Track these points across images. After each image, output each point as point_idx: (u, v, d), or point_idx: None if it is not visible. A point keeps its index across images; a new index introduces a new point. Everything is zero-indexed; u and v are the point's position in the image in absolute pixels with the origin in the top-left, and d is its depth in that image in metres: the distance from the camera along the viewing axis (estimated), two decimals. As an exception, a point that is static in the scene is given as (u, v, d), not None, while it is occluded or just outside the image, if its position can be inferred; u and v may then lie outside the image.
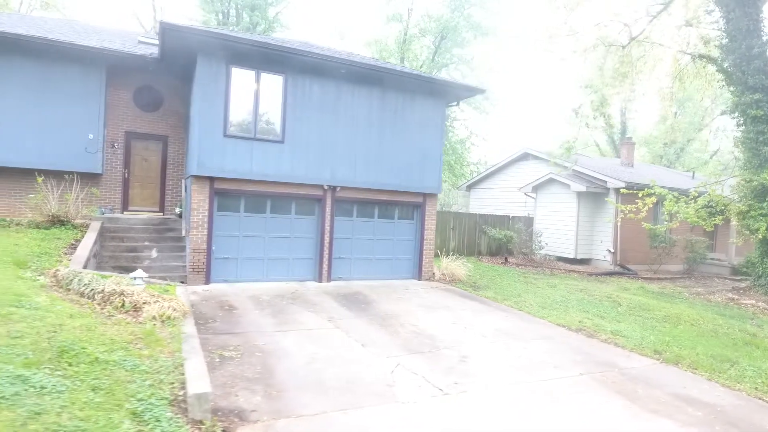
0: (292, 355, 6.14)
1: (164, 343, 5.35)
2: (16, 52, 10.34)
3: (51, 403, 3.56)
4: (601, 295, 12.10)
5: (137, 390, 4.16)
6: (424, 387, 5.45)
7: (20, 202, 10.71)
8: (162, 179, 12.47)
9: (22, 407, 3.38)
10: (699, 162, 34.20)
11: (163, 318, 5.99)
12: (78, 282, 6.52)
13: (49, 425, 3.30)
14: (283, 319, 7.85)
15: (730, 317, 10.41)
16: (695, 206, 13.55)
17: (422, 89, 12.04)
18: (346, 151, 11.31)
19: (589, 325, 8.70)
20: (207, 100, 9.89)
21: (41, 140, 10.67)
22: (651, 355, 7.25)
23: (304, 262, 11.35)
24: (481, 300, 10.58)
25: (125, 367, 4.54)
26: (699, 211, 13.42)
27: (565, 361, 6.74)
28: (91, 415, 3.57)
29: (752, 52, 11.09)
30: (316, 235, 11.39)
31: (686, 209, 13.59)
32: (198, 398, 4.11)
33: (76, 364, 4.36)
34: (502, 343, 7.40)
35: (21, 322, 4.90)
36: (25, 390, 3.62)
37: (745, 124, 11.72)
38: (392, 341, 7.10)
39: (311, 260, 11.41)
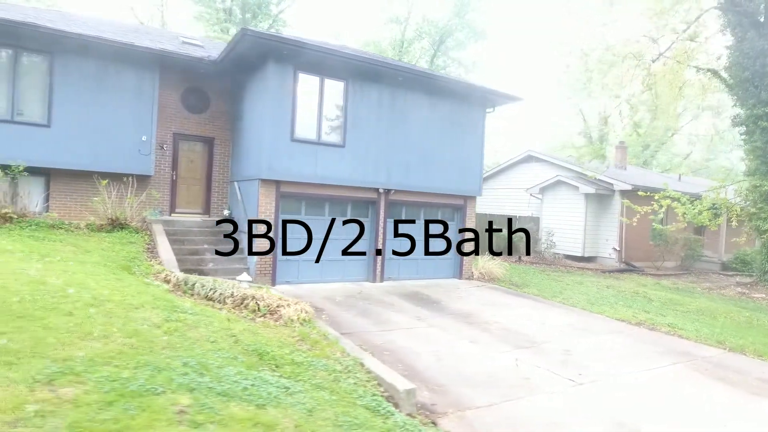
0: (419, 354, 6.54)
1: (323, 344, 5.65)
2: (75, 52, 10.13)
3: (305, 402, 3.86)
4: (628, 291, 13.05)
5: (352, 388, 4.49)
6: (555, 379, 5.99)
7: (78, 205, 10.51)
8: (208, 181, 12.45)
9: (294, 406, 3.68)
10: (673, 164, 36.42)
11: (300, 320, 6.25)
12: (200, 286, 6.67)
13: (327, 419, 3.62)
14: (377, 320, 8.20)
15: (753, 310, 11.53)
16: (701, 208, 14.81)
17: (466, 96, 12.58)
18: (400, 156, 11.71)
19: (644, 319, 9.50)
20: (276, 106, 10.06)
21: (96, 141, 10.50)
22: (716, 345, 8.09)
23: (357, 263, 11.68)
24: (532, 297, 11.24)
25: (318, 367, 4.84)
26: (704, 212, 14.68)
27: (649, 352, 7.45)
28: (343, 411, 3.90)
29: (766, 69, 12.30)
30: (370, 236, 11.73)
31: (693, 211, 14.81)
32: (408, 393, 4.49)
33: (282, 366, 4.64)
34: (582, 337, 8.05)
35: (198, 327, 5.09)
36: (278, 390, 3.91)
37: (756, 134, 12.93)
38: (491, 338, 7.61)
39: (364, 261, 11.75)
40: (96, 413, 2.79)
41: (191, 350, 4.28)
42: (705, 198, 14.12)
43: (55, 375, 3.13)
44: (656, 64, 13.52)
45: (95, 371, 3.31)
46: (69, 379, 3.11)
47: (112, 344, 3.89)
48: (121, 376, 3.31)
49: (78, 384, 3.09)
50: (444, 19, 27.69)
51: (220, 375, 3.83)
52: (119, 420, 2.77)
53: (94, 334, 3.99)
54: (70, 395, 2.94)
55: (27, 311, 4.16)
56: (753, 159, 13.17)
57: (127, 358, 3.68)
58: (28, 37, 9.66)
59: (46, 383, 3.02)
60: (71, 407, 2.81)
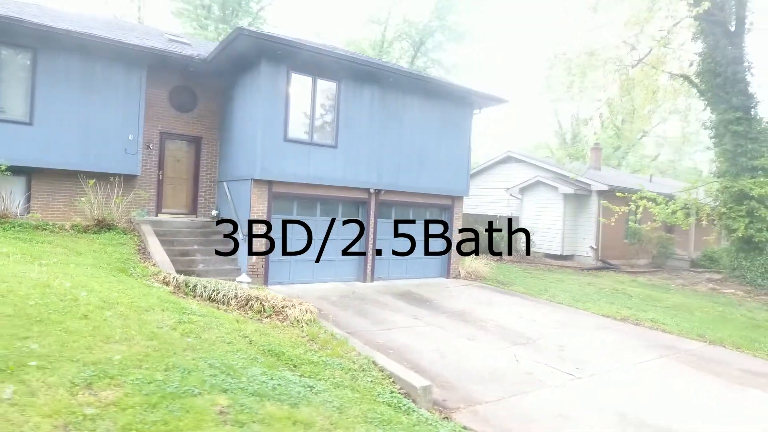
0: (422, 351, 6.67)
1: (333, 344, 5.72)
2: (61, 48, 9.83)
3: (332, 400, 3.94)
4: (609, 288, 13.55)
5: (370, 386, 4.59)
6: (555, 374, 6.23)
7: (62, 205, 10.21)
8: (195, 181, 12.27)
9: (324, 405, 3.75)
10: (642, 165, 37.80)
11: (306, 320, 6.29)
12: (202, 287, 6.63)
13: (357, 416, 3.71)
14: (374, 319, 8.30)
15: (724, 305, 12.16)
16: (674, 208, 15.51)
17: (454, 97, 12.81)
18: (390, 156, 11.83)
19: (627, 315, 9.91)
20: (270, 105, 10.03)
21: (81, 140, 10.21)
22: (697, 338, 8.52)
23: (348, 263, 11.74)
24: (519, 295, 11.55)
25: (334, 366, 4.92)
26: (678, 212, 15.38)
27: (637, 346, 7.80)
28: (368, 408, 3.99)
29: (737, 76, 13.00)
30: (361, 236, 11.80)
31: (666, 210, 15.49)
32: (424, 390, 4.62)
33: (299, 365, 4.69)
34: (572, 333, 8.35)
35: (211, 329, 5.09)
36: (304, 389, 3.97)
37: (726, 138, 13.64)
38: (488, 335, 7.81)
39: (355, 261, 11.82)
40: (143, 415, 2.80)
41: (211, 352, 4.29)
42: (678, 198, 14.77)
43: (92, 378, 3.11)
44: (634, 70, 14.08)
45: (129, 374, 3.30)
46: (106, 383, 3.10)
47: (136, 347, 3.87)
48: (155, 378, 3.32)
49: (116, 387, 3.08)
50: (424, 20, 27.98)
51: (247, 375, 3.86)
52: (168, 422, 2.79)
53: (116, 337, 3.96)
54: (112, 398, 2.94)
55: (43, 315, 4.09)
56: (723, 161, 13.88)
57: (154, 360, 3.67)
58: (11, 32, 9.33)
59: (84, 387, 3.01)
60: (117, 410, 2.82)
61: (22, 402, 2.66)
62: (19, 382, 2.87)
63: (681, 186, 27.79)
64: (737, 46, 13.08)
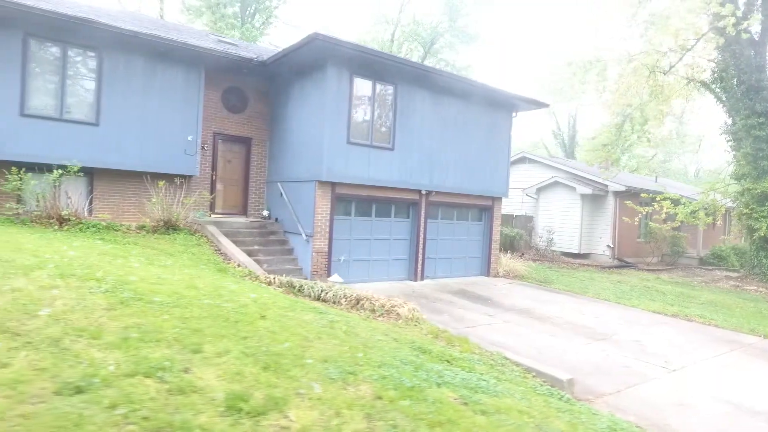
0: (518, 347, 6.98)
1: (457, 341, 6.02)
2: (123, 49, 9.87)
3: (510, 391, 4.25)
4: (640, 286, 14.13)
5: (520, 379, 4.91)
6: (650, 366, 6.65)
7: (127, 205, 10.25)
8: (245, 182, 12.39)
9: (508, 395, 4.06)
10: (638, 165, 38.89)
11: (415, 319, 6.58)
12: (309, 288, 6.86)
13: (540, 406, 4.03)
14: (451, 316, 8.61)
15: (754, 301, 12.85)
16: (693, 208, 16.22)
17: (496, 101, 13.18)
18: (440, 158, 12.15)
19: (676, 311, 10.44)
20: (335, 108, 10.24)
21: (143, 141, 10.27)
22: (750, 333, 9.07)
23: (399, 262, 12.03)
24: (564, 293, 12.00)
25: (477, 361, 5.22)
26: (698, 212, 16.10)
27: (702, 340, 8.30)
28: (536, 398, 4.32)
29: (761, 84, 13.70)
30: (411, 236, 12.11)
31: (685, 211, 16.20)
32: (569, 383, 4.97)
33: (452, 361, 4.99)
34: (637, 328, 8.81)
35: (357, 328, 5.33)
36: (483, 382, 4.27)
37: (747, 142, 14.35)
38: (564, 331, 8.21)
39: (406, 260, 12.12)
40: (412, 408, 3.07)
41: (382, 349, 4.56)
42: (702, 199, 15.48)
43: (344, 376, 3.36)
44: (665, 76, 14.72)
45: (361, 371, 3.56)
46: (355, 379, 3.36)
47: (341, 347, 4.10)
48: (383, 375, 3.58)
49: (364, 383, 3.34)
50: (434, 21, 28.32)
51: (434, 371, 4.14)
52: (439, 411, 3.06)
53: (311, 337, 4.20)
54: (371, 392, 3.20)
55: (231, 317, 4.30)
56: (744, 164, 14.59)
57: (363, 359, 3.92)
58: (79, 33, 9.33)
59: (342, 382, 3.26)
60: (387, 402, 3.08)
61: (326, 396, 2.91)
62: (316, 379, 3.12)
63: (681, 186, 28.76)
64: (761, 55, 13.79)
